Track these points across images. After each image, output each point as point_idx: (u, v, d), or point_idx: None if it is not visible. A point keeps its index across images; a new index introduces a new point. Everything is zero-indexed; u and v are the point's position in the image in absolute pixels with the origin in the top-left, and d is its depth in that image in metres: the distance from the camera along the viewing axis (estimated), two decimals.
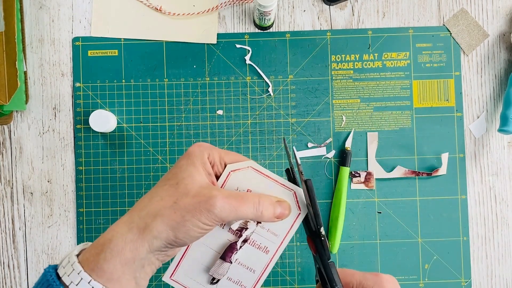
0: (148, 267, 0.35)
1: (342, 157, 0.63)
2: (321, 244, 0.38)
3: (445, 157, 0.63)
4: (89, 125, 0.61)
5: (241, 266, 0.39)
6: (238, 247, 0.38)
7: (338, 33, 0.65)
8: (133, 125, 0.64)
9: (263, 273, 0.39)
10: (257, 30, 0.65)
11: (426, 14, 0.65)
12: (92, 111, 0.60)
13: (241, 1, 0.65)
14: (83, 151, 0.63)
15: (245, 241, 0.38)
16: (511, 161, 0.64)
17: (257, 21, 0.63)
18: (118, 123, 0.64)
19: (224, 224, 0.38)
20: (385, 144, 0.64)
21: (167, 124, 0.64)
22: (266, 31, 0.65)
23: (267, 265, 0.39)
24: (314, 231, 0.38)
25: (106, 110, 0.63)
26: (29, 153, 0.64)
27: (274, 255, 0.38)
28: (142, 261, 0.35)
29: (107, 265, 0.33)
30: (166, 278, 0.39)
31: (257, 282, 0.39)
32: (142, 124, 0.64)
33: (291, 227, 0.38)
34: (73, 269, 0.34)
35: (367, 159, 0.63)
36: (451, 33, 0.65)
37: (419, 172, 0.63)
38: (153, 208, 0.34)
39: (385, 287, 0.39)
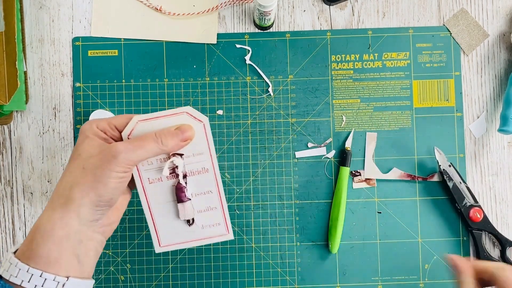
0: (87, 242, 0.35)
1: (342, 157, 0.63)
2: None
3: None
4: None
5: (198, 196, 0.41)
6: (184, 184, 0.40)
7: (338, 33, 0.65)
8: None
9: (218, 187, 0.42)
10: (257, 30, 0.65)
11: (426, 14, 0.65)
12: (92, 111, 0.60)
13: (241, 1, 0.65)
14: None
15: (184, 176, 0.41)
16: (511, 161, 0.64)
17: (257, 21, 0.63)
18: None
19: (160, 177, 0.40)
20: (385, 144, 0.64)
21: None
22: (266, 31, 0.65)
23: (216, 180, 0.42)
24: None
25: (106, 110, 0.63)
26: (29, 153, 0.64)
27: (214, 168, 0.41)
28: (77, 235, 0.35)
29: (42, 250, 0.33)
30: (157, 249, 0.42)
31: (220, 196, 0.42)
32: None
33: (207, 138, 0.40)
34: (10, 264, 0.34)
35: (364, 159, 0.63)
36: (451, 33, 0.65)
37: (414, 176, 0.63)
38: (66, 182, 0.36)
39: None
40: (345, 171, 0.62)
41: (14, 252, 0.35)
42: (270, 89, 0.64)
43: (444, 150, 0.63)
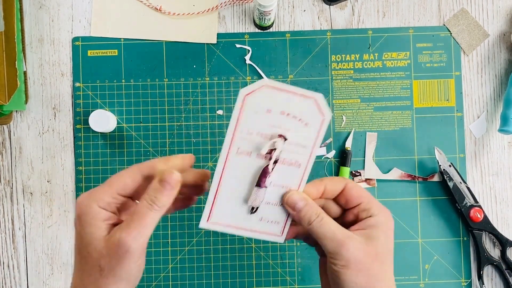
0: None
1: (342, 157, 0.63)
2: None
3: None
4: (89, 125, 0.61)
5: (276, 187, 0.38)
6: (271, 169, 0.37)
7: (338, 33, 0.65)
8: (133, 125, 0.64)
9: (299, 186, 0.38)
10: (257, 30, 0.65)
11: (426, 14, 0.65)
12: (92, 111, 0.60)
13: (241, 1, 0.65)
14: (83, 151, 0.63)
15: (275, 162, 0.37)
16: (511, 161, 0.64)
17: (257, 21, 0.63)
18: (118, 123, 0.64)
19: (251, 152, 0.36)
20: (385, 144, 0.64)
21: (167, 124, 0.64)
22: (266, 31, 0.65)
23: (301, 180, 0.38)
24: None
25: (106, 110, 0.63)
26: (29, 153, 0.64)
27: (306, 168, 0.38)
28: None
29: None
30: (203, 224, 0.38)
31: None
32: (142, 124, 0.64)
33: (318, 134, 0.37)
34: None
35: (364, 159, 0.63)
36: (451, 33, 0.65)
37: (415, 176, 0.63)
38: (89, 286, 0.34)
39: (389, 220, 0.38)
40: (345, 171, 0.62)
41: None
42: None
43: (444, 150, 0.63)
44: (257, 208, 0.38)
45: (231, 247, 0.63)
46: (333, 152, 0.64)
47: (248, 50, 0.64)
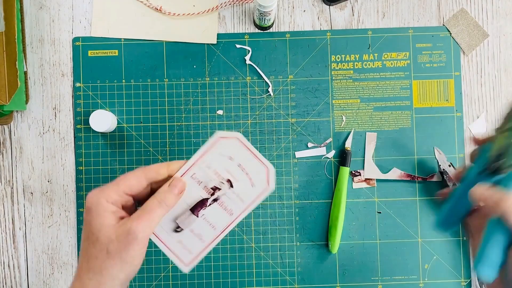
0: None
1: (342, 157, 0.63)
2: None
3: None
4: (89, 125, 0.61)
5: (205, 221, 0.42)
6: (208, 204, 0.42)
7: (338, 33, 0.65)
8: (133, 125, 0.64)
9: (222, 231, 0.43)
10: (257, 30, 0.65)
11: (426, 14, 0.65)
12: (92, 111, 0.61)
13: (241, 1, 0.65)
14: (83, 151, 0.63)
15: (215, 200, 0.42)
16: None
17: (257, 21, 0.63)
18: (118, 123, 0.64)
19: (201, 182, 0.42)
20: (385, 144, 0.64)
21: (167, 124, 0.64)
22: (266, 31, 0.65)
23: (228, 226, 0.43)
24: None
25: (106, 110, 0.63)
26: (29, 153, 0.64)
27: (236, 219, 0.42)
28: None
29: None
30: (185, 270, 0.43)
31: (215, 239, 0.42)
32: (142, 124, 0.64)
33: (256, 198, 0.42)
34: None
35: (363, 159, 0.63)
36: (451, 33, 0.65)
37: (414, 176, 0.63)
38: (96, 267, 0.39)
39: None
40: (345, 171, 0.62)
41: None
42: (270, 89, 0.64)
43: (444, 150, 0.63)
44: (181, 230, 0.42)
45: (231, 247, 0.63)
46: (333, 152, 0.64)
47: (248, 50, 0.64)
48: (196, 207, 0.42)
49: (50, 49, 0.65)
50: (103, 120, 0.60)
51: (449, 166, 0.61)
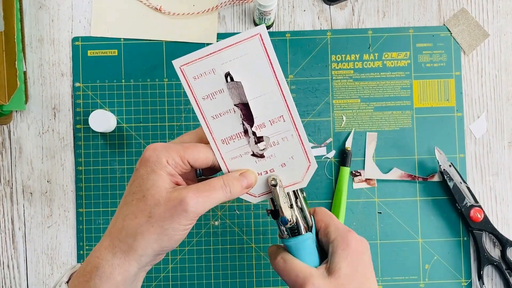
0: (138, 281, 0.36)
1: (342, 157, 0.63)
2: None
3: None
4: (88, 125, 0.61)
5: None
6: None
7: (338, 33, 0.64)
8: (133, 125, 0.64)
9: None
10: None
11: (426, 14, 0.65)
12: (92, 111, 0.60)
13: (241, 1, 0.65)
14: (82, 151, 0.63)
15: (254, 134, 0.40)
16: (511, 161, 0.64)
17: (257, 21, 0.63)
18: (118, 123, 0.64)
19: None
20: (385, 144, 0.64)
21: (167, 124, 0.64)
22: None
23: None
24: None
25: (106, 110, 0.63)
26: (29, 153, 0.64)
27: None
28: (132, 278, 0.35)
29: None
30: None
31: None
32: (142, 124, 0.64)
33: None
34: None
35: (364, 159, 0.63)
36: (451, 33, 0.65)
37: (415, 176, 0.63)
38: (130, 228, 0.34)
39: (349, 243, 0.39)
40: (345, 171, 0.62)
41: (67, 281, 0.36)
42: None
43: (444, 150, 0.63)
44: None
45: (231, 247, 0.63)
46: (333, 152, 0.64)
47: None
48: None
49: (50, 49, 0.64)
50: (102, 120, 0.60)
51: (450, 166, 0.61)
